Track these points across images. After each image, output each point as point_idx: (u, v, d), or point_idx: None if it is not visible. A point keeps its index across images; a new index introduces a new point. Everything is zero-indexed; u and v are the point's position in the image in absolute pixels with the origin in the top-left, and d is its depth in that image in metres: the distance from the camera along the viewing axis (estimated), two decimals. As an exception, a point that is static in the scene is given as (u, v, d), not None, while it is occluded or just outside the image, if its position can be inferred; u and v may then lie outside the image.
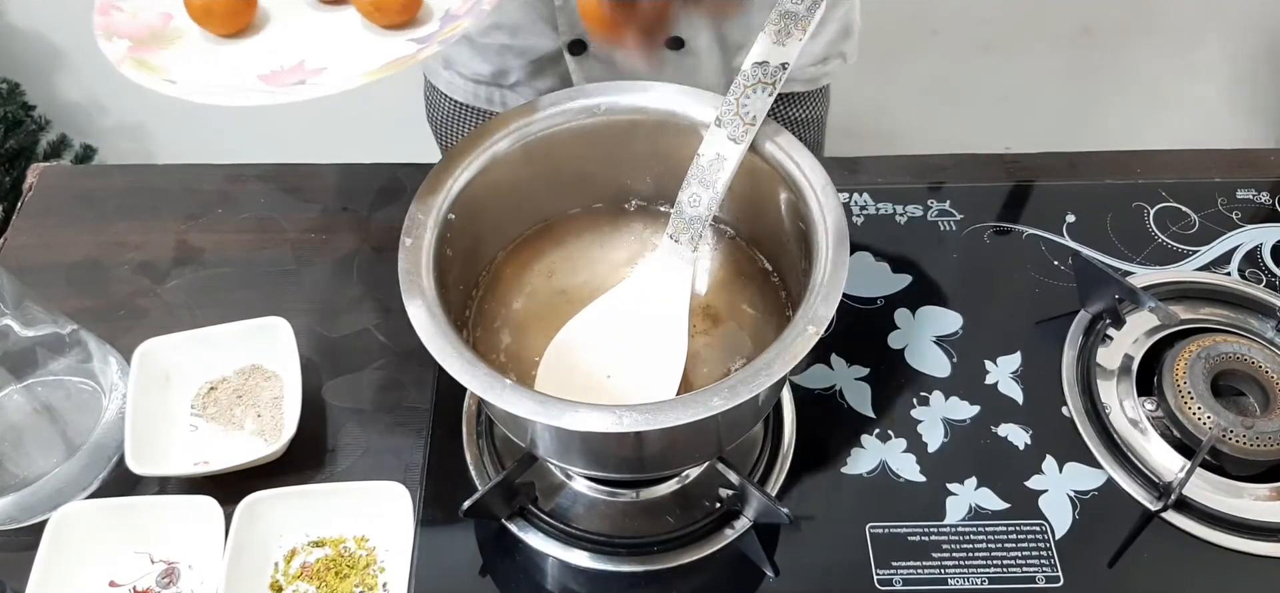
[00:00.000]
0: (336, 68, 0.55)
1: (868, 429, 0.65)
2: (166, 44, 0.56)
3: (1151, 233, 0.75)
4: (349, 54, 0.56)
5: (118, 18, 0.57)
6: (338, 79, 0.53)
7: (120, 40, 0.55)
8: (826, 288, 0.50)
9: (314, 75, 0.54)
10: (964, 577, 0.58)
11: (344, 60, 0.56)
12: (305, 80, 0.54)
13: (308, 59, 0.56)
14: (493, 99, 0.83)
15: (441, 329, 0.49)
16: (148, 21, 0.57)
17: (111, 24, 0.56)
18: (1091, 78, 1.61)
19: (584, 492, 0.62)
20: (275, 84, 0.54)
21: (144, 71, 0.54)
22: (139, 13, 0.58)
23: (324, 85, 0.53)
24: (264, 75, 0.55)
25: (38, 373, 0.63)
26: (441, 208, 0.55)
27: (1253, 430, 0.60)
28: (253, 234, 0.77)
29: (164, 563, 0.60)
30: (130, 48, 0.55)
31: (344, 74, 0.54)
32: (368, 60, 0.54)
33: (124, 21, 0.57)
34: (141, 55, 0.55)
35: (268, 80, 0.54)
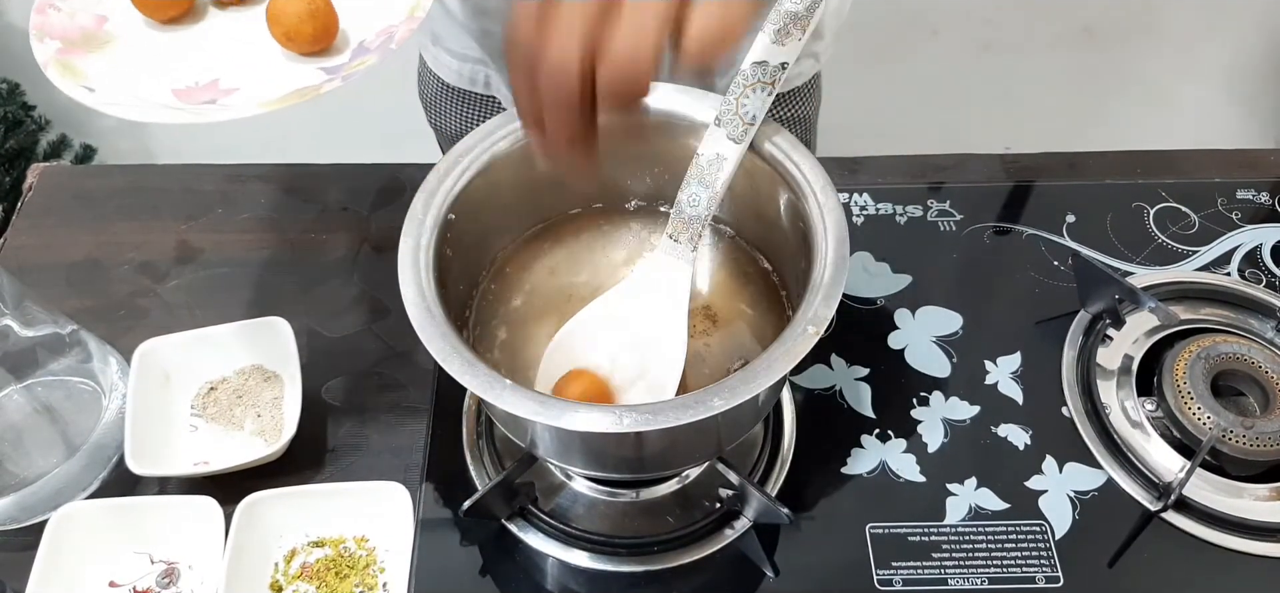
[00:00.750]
0: (246, 89, 0.56)
1: (868, 429, 0.65)
2: (96, 47, 0.57)
3: (1151, 233, 0.75)
4: (261, 76, 0.57)
5: (53, 18, 0.58)
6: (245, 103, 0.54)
7: (51, 41, 0.56)
8: (826, 288, 0.50)
9: (226, 96, 0.55)
10: (964, 577, 0.58)
11: (255, 82, 0.57)
12: (216, 100, 0.55)
13: (222, 78, 0.56)
14: (476, 79, 0.83)
15: (441, 329, 0.49)
16: (82, 23, 0.58)
17: (45, 24, 0.58)
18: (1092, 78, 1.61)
19: (584, 492, 0.62)
20: (186, 101, 0.55)
21: (66, 76, 0.55)
22: (75, 14, 0.58)
23: (232, 108, 0.54)
24: (178, 91, 0.56)
25: (38, 373, 0.63)
26: (441, 208, 0.55)
27: (1253, 430, 0.60)
28: (253, 234, 0.77)
29: (164, 563, 0.60)
30: (59, 50, 0.56)
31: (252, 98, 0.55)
32: (274, 87, 0.55)
33: (59, 22, 0.58)
34: (68, 58, 0.56)
35: (181, 96, 0.55)
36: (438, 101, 0.88)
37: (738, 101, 0.55)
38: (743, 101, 0.55)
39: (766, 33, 0.56)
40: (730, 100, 0.56)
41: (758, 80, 0.55)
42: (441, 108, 0.88)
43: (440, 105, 0.88)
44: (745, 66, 0.55)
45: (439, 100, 0.87)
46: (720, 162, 0.56)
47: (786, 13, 0.56)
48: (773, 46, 0.55)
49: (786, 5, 0.56)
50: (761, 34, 0.56)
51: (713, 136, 0.56)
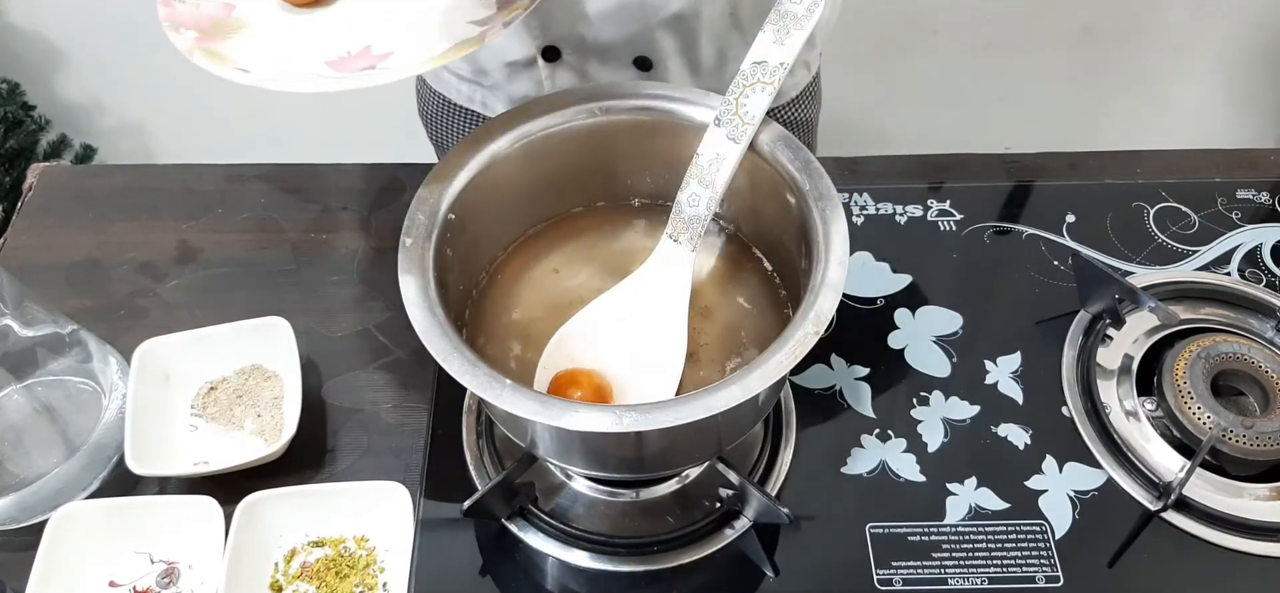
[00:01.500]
0: (402, 52, 0.55)
1: (868, 429, 0.65)
2: (230, 33, 0.56)
3: (1151, 233, 0.75)
4: (412, 38, 0.56)
5: (181, 10, 0.56)
6: (406, 64, 0.53)
7: (187, 32, 0.55)
8: (826, 288, 0.50)
9: (381, 61, 0.54)
10: (964, 577, 0.58)
11: (408, 44, 0.55)
12: (374, 66, 0.54)
13: (373, 44, 0.56)
14: (474, 98, 0.83)
15: (441, 329, 0.49)
16: (210, 12, 0.57)
17: (176, 16, 0.56)
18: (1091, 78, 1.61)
19: (584, 492, 0.62)
20: (344, 69, 0.54)
21: (214, 61, 0.53)
22: (201, 4, 0.58)
23: (393, 70, 0.53)
24: (332, 62, 0.55)
25: (38, 373, 0.63)
26: (441, 208, 0.55)
27: (1253, 430, 0.60)
28: (253, 234, 0.77)
29: (164, 563, 0.60)
30: (198, 38, 0.55)
31: (411, 58, 0.54)
32: (432, 45, 0.54)
33: (187, 12, 0.56)
34: (210, 45, 0.55)
35: (336, 67, 0.54)
36: (438, 118, 0.88)
37: (737, 101, 0.56)
38: (742, 101, 0.55)
39: (767, 33, 0.56)
40: (730, 100, 0.56)
41: (758, 80, 0.55)
42: (441, 124, 0.88)
43: (440, 121, 0.88)
44: (745, 66, 0.56)
45: (439, 116, 0.88)
46: (720, 161, 0.56)
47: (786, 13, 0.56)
48: (772, 46, 0.56)
49: (786, 6, 0.56)
50: (761, 34, 0.56)
51: (713, 136, 0.56)
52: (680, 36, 0.72)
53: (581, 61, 0.74)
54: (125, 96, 1.61)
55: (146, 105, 1.62)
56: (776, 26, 0.56)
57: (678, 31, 0.72)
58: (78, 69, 1.57)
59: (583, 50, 0.73)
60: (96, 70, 1.57)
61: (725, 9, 0.72)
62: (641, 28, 0.71)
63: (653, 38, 0.72)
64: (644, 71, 0.74)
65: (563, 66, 0.74)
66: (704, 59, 0.75)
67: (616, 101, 0.59)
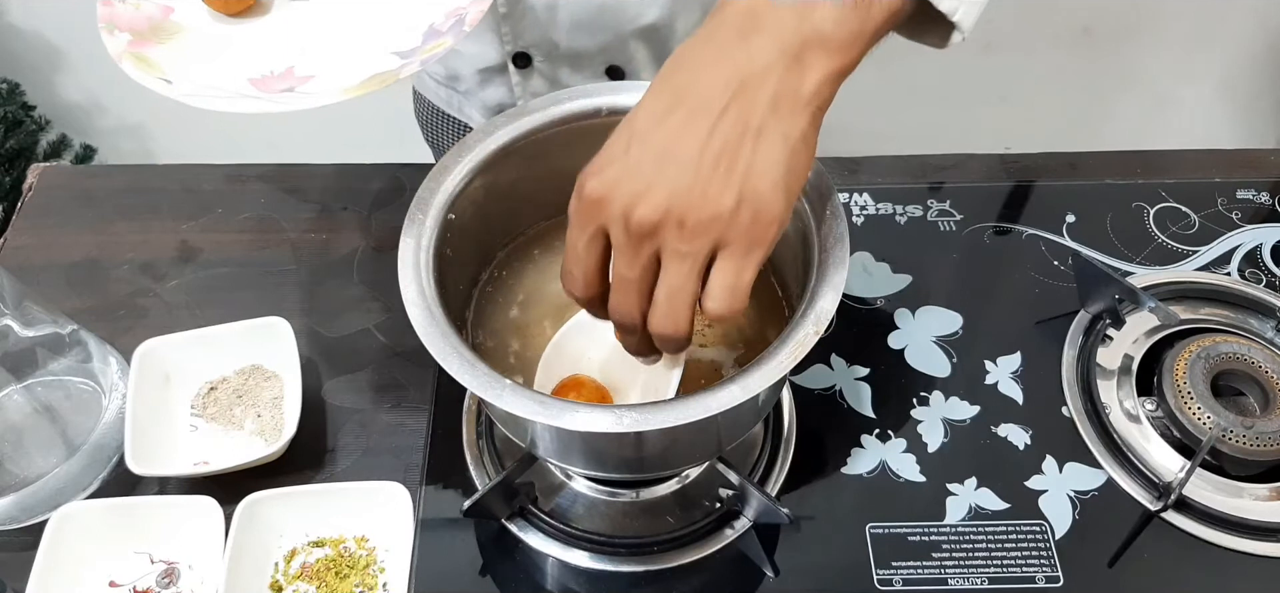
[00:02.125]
0: (323, 77, 0.55)
1: (868, 429, 0.65)
2: (165, 38, 0.57)
3: (1151, 233, 0.75)
4: (336, 62, 0.56)
5: (120, 10, 0.57)
6: (323, 91, 0.54)
7: (121, 34, 0.55)
8: (826, 288, 0.50)
9: (302, 83, 0.55)
10: (964, 577, 0.58)
11: (331, 69, 0.56)
12: (294, 88, 0.54)
13: (297, 65, 0.56)
14: (451, 103, 0.83)
15: (441, 329, 0.49)
16: (148, 13, 0.58)
17: (113, 16, 0.57)
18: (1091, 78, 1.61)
19: (584, 492, 0.62)
20: (264, 90, 0.54)
21: (141, 68, 0.54)
22: (140, 5, 0.58)
23: (310, 96, 0.53)
24: (255, 80, 0.55)
25: (38, 373, 0.63)
26: (441, 208, 0.55)
27: (1253, 430, 0.60)
28: (253, 234, 0.77)
29: (164, 563, 0.60)
30: (130, 42, 0.55)
31: (328, 86, 0.54)
32: (351, 74, 0.55)
33: (126, 13, 0.57)
34: (140, 50, 0.55)
35: (258, 85, 0.55)
36: (431, 122, 0.88)
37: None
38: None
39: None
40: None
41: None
42: (433, 127, 0.88)
43: (432, 125, 0.88)
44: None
45: (432, 121, 0.88)
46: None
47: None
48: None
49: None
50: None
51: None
52: (653, 47, 0.72)
53: (553, 69, 0.74)
54: (125, 96, 1.61)
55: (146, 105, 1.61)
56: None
57: (651, 42, 0.72)
58: (78, 69, 1.57)
59: (555, 57, 0.73)
60: (96, 70, 1.56)
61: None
62: (614, 37, 0.71)
63: (625, 47, 0.72)
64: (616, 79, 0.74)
65: (534, 73, 0.74)
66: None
67: (617, 102, 0.59)
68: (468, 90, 0.80)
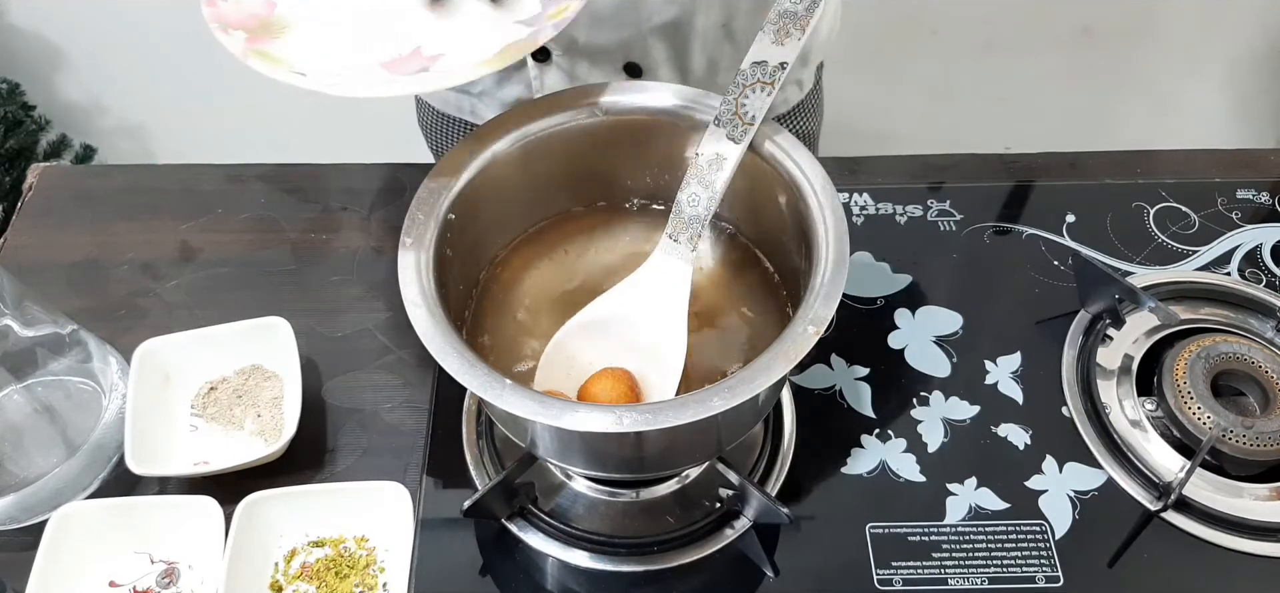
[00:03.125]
0: (452, 54, 0.54)
1: (868, 429, 0.65)
2: (277, 34, 0.55)
3: (1151, 233, 0.75)
4: (462, 39, 0.55)
5: (225, 8, 0.55)
6: (457, 66, 0.52)
7: (235, 32, 0.54)
8: (826, 288, 0.50)
9: (432, 62, 0.53)
10: (964, 577, 0.58)
11: (458, 46, 0.54)
12: (428, 68, 0.53)
13: (423, 45, 0.55)
14: (463, 107, 0.83)
15: (441, 329, 0.49)
16: (252, 10, 0.56)
17: (221, 15, 0.55)
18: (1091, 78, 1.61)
19: (584, 492, 0.62)
20: (397, 71, 0.53)
21: (269, 64, 0.52)
22: (242, 2, 0.56)
23: (445, 73, 0.52)
24: (386, 63, 0.54)
25: (38, 373, 0.63)
26: (441, 208, 0.55)
27: (1253, 430, 0.60)
28: (253, 234, 0.77)
29: (164, 563, 0.60)
30: (247, 39, 0.54)
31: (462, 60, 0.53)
32: (483, 46, 0.54)
33: (231, 10, 0.55)
34: (260, 46, 0.54)
35: (389, 68, 0.53)
36: (436, 129, 0.88)
37: (737, 101, 0.56)
38: (742, 101, 0.55)
39: (766, 33, 0.56)
40: (730, 100, 0.56)
41: (757, 80, 0.55)
42: (439, 134, 0.88)
43: (438, 132, 0.88)
44: (745, 66, 0.56)
45: (437, 127, 0.88)
46: (720, 161, 0.56)
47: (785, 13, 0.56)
48: (772, 46, 0.56)
49: (785, 5, 0.56)
50: (761, 34, 0.56)
51: (712, 137, 0.56)
52: (672, 44, 0.72)
53: (571, 64, 0.74)
54: (125, 96, 1.61)
55: (146, 105, 1.62)
56: (776, 27, 0.56)
57: (670, 39, 0.72)
58: (78, 69, 1.57)
59: (573, 52, 0.73)
60: (96, 70, 1.57)
61: (718, 19, 0.72)
62: (633, 33, 0.71)
63: (644, 44, 0.72)
64: (634, 77, 0.74)
65: (552, 68, 0.74)
66: (695, 68, 0.75)
67: (617, 101, 0.59)
68: (483, 91, 0.80)
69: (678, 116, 0.59)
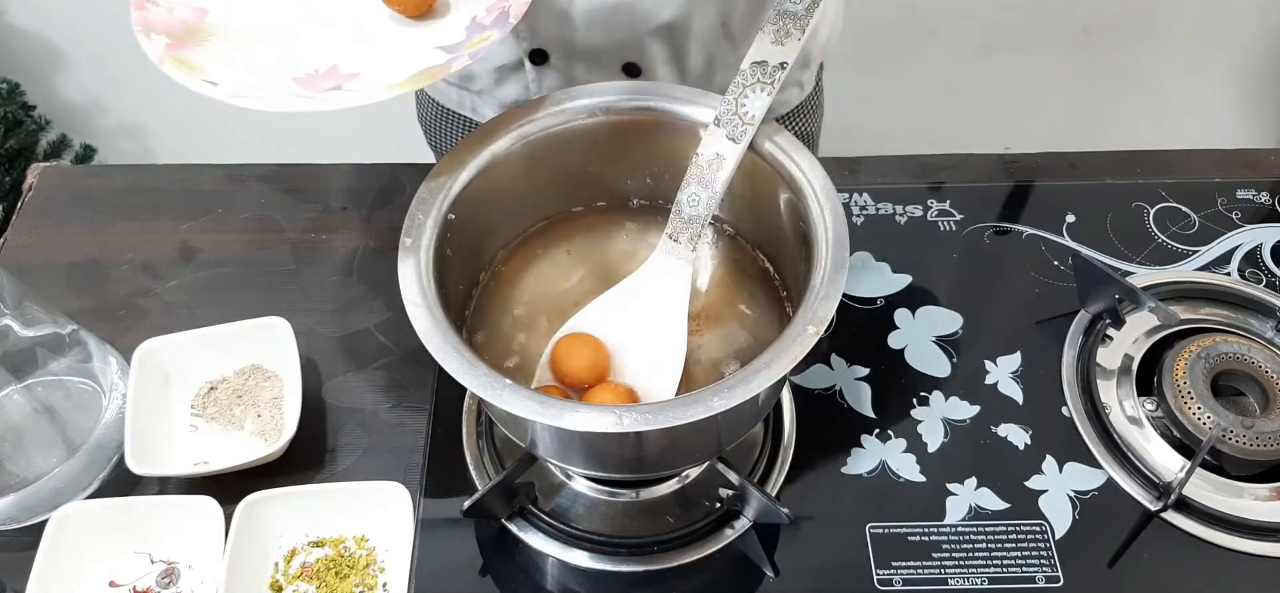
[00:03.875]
0: (369, 73, 0.54)
1: (868, 429, 0.65)
2: (201, 41, 0.56)
3: (1151, 233, 0.75)
4: (380, 59, 0.56)
5: (154, 13, 0.56)
6: (369, 88, 0.53)
7: (158, 37, 0.55)
8: (826, 288, 0.50)
9: (348, 81, 0.54)
10: (964, 577, 0.58)
11: (376, 65, 0.55)
12: (340, 86, 0.54)
13: (341, 63, 0.55)
14: (464, 103, 0.83)
15: (441, 329, 0.49)
16: (183, 17, 0.57)
17: (149, 20, 0.56)
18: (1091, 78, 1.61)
19: (584, 492, 0.62)
20: (310, 88, 0.54)
21: (184, 71, 0.53)
22: (174, 8, 0.57)
23: (357, 94, 0.52)
24: (299, 79, 0.54)
25: (38, 373, 0.63)
26: (441, 208, 0.55)
27: (1253, 430, 0.60)
28: (253, 234, 0.77)
29: (164, 563, 0.60)
30: (168, 45, 0.55)
31: (374, 83, 0.53)
32: (397, 70, 0.54)
33: (160, 17, 0.56)
34: (180, 53, 0.54)
35: (303, 84, 0.54)
36: (436, 125, 0.88)
37: (737, 101, 0.56)
38: (742, 101, 0.55)
39: (766, 33, 0.56)
40: (729, 100, 0.56)
41: (757, 80, 0.55)
42: (439, 130, 0.88)
43: (438, 128, 0.88)
44: (745, 66, 0.56)
45: (437, 123, 0.88)
46: (720, 161, 0.56)
47: (786, 13, 0.56)
48: (772, 47, 0.56)
49: (785, 5, 0.56)
50: (761, 34, 0.56)
51: (712, 136, 0.56)
52: (670, 44, 0.72)
53: (569, 66, 0.74)
54: (125, 96, 1.61)
55: (146, 105, 1.62)
56: (776, 27, 0.56)
57: (667, 39, 0.72)
58: (78, 69, 1.57)
59: (570, 54, 0.73)
60: (96, 70, 1.56)
61: (716, 19, 0.72)
62: (630, 34, 0.71)
63: (642, 44, 0.72)
64: (632, 78, 0.74)
65: (550, 70, 0.74)
66: (693, 68, 0.75)
67: (617, 102, 0.59)
68: (482, 89, 0.80)
69: (678, 117, 0.59)
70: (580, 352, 0.55)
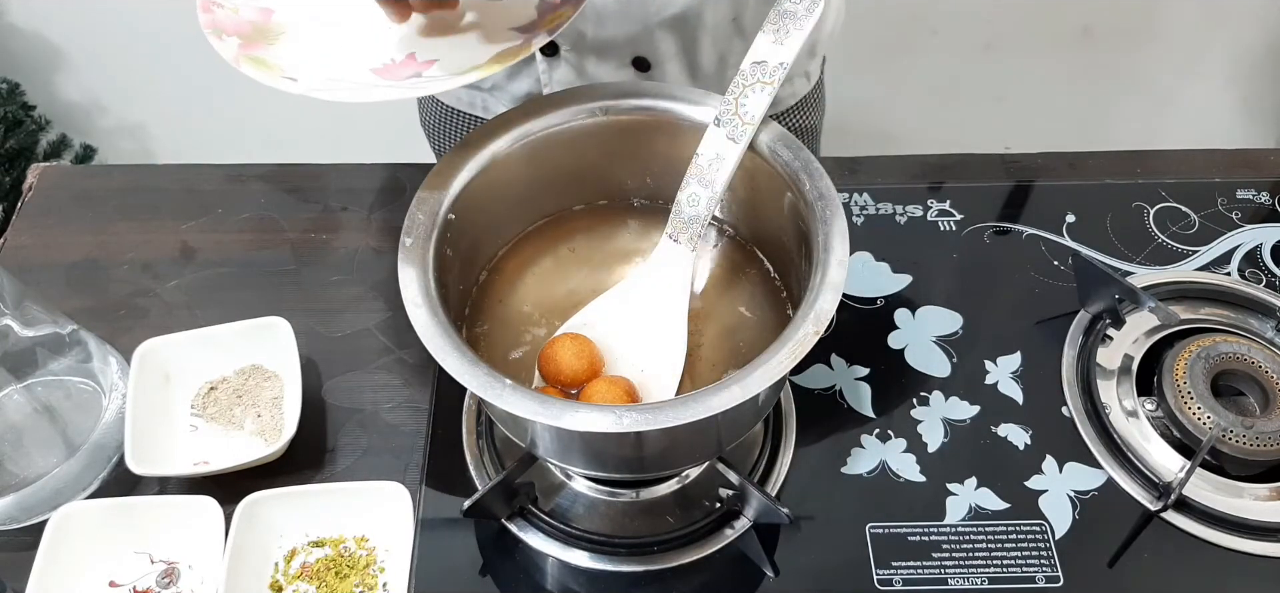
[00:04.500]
0: (446, 59, 0.54)
1: (868, 429, 0.65)
2: (272, 40, 0.56)
3: (1151, 233, 0.75)
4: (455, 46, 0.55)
5: (221, 15, 0.56)
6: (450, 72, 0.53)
7: (230, 39, 0.54)
8: (826, 288, 0.50)
9: (425, 67, 0.54)
10: (964, 577, 0.58)
11: (452, 51, 0.55)
12: (421, 74, 0.53)
13: (417, 50, 0.55)
14: (475, 103, 0.83)
15: (441, 329, 0.49)
16: (249, 17, 0.57)
17: (217, 22, 0.55)
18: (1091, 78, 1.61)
19: (584, 492, 0.62)
20: (390, 77, 0.53)
21: (261, 69, 0.53)
22: (240, 9, 0.57)
23: (438, 79, 0.52)
24: (377, 69, 0.54)
25: (38, 373, 0.63)
26: (441, 208, 0.55)
27: (1253, 430, 0.60)
28: (253, 234, 0.77)
29: (164, 563, 0.60)
30: (241, 46, 0.54)
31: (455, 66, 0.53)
32: (474, 53, 0.54)
33: (227, 18, 0.56)
34: (254, 52, 0.54)
35: (382, 73, 0.54)
36: (439, 128, 0.88)
37: (737, 101, 0.56)
38: (742, 101, 0.55)
39: (766, 33, 0.56)
40: (730, 100, 0.56)
41: (757, 80, 0.55)
42: (443, 133, 0.88)
43: (442, 131, 0.88)
44: (745, 66, 0.56)
45: (441, 126, 0.88)
46: (720, 161, 0.56)
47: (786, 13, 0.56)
48: (772, 46, 0.56)
49: (786, 5, 0.56)
50: (761, 34, 0.56)
51: (712, 136, 0.56)
52: (681, 38, 0.72)
53: (580, 58, 0.74)
54: (125, 96, 1.61)
55: (146, 105, 1.62)
56: (776, 26, 0.56)
57: (679, 33, 0.72)
58: (78, 69, 1.57)
59: (581, 47, 0.73)
60: (96, 70, 1.57)
61: (728, 13, 0.72)
62: (642, 27, 0.71)
63: (653, 38, 0.72)
64: (642, 72, 0.74)
65: (561, 63, 0.74)
66: (704, 62, 0.75)
67: (617, 101, 0.59)
68: (494, 85, 0.80)
69: (678, 116, 0.59)
70: (564, 354, 0.55)
